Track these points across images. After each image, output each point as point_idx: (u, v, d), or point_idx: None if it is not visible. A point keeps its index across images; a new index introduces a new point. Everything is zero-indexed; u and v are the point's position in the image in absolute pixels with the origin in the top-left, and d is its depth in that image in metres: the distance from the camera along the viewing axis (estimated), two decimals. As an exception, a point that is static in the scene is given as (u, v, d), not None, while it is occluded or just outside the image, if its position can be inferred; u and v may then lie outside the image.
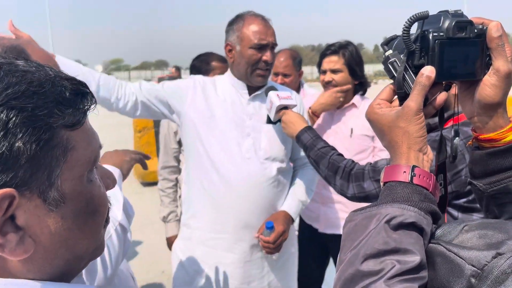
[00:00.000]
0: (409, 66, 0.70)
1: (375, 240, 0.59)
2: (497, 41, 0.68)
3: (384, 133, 0.71)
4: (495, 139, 0.73)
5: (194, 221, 1.85)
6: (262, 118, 1.84)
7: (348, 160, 1.50)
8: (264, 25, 1.78)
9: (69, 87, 0.50)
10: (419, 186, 0.65)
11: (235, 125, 1.81)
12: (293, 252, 2.02)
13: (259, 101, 1.87)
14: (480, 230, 0.57)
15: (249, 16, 1.80)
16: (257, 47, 1.75)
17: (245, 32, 1.76)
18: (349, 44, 2.16)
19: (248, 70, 1.78)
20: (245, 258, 1.82)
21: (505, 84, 0.70)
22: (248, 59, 1.76)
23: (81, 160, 0.51)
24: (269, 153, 1.83)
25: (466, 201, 1.30)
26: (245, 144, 1.81)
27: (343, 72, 2.14)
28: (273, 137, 1.85)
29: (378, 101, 0.74)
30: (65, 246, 0.51)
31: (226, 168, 1.77)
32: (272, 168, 1.83)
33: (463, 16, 0.69)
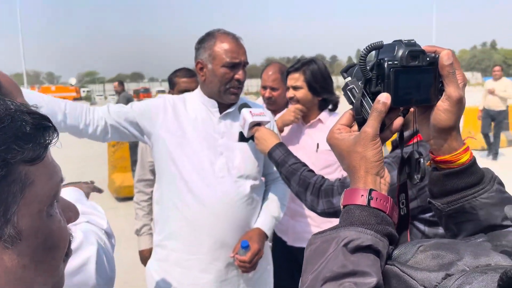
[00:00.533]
0: (366, 92, 0.73)
1: (333, 263, 0.61)
2: (448, 69, 0.72)
3: (343, 157, 0.73)
4: (450, 160, 0.77)
5: (170, 242, 1.83)
6: (234, 136, 1.85)
7: (318, 176, 1.53)
8: (236, 43, 1.79)
9: (30, 121, 0.49)
10: (376, 209, 0.67)
11: (207, 144, 1.80)
12: (268, 269, 2.02)
13: (230, 119, 1.87)
14: (434, 251, 0.60)
15: (220, 34, 1.80)
16: (229, 65, 1.76)
17: (217, 51, 1.76)
18: (311, 62, 2.20)
19: (221, 88, 1.79)
20: (221, 277, 1.82)
21: (457, 109, 0.73)
22: (221, 78, 1.77)
23: (40, 195, 0.50)
24: (242, 171, 1.83)
25: (431, 215, 1.34)
26: (218, 163, 1.80)
27: (303, 89, 2.19)
28: (246, 154, 1.86)
29: (338, 126, 0.76)
30: (22, 284, 0.49)
31: (200, 188, 1.77)
32: (245, 186, 1.84)
33: (416, 45, 0.73)
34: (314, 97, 2.21)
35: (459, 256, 0.58)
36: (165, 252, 1.85)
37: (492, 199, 0.76)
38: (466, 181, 0.76)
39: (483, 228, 0.76)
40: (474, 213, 0.76)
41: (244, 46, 1.83)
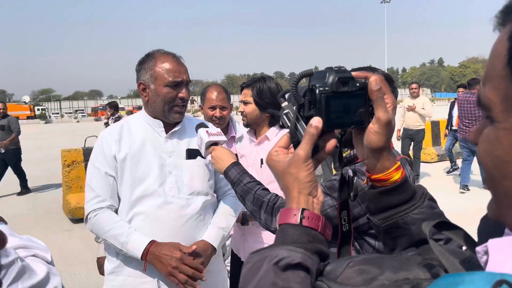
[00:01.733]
0: (300, 116, 0.77)
1: (265, 281, 0.63)
2: (376, 94, 0.76)
3: (279, 178, 0.76)
4: (383, 179, 0.81)
5: (125, 268, 1.80)
6: (182, 154, 1.86)
7: (272, 194, 1.55)
8: (177, 62, 1.81)
9: None
10: (308, 228, 0.70)
11: (156, 165, 1.81)
12: (223, 283, 2.03)
13: (177, 137, 1.88)
14: (361, 266, 0.63)
15: (160, 55, 1.82)
16: (172, 84, 1.78)
17: (158, 71, 1.78)
18: (261, 80, 2.30)
19: (165, 108, 1.80)
20: None
21: (387, 130, 0.78)
22: (164, 97, 1.78)
23: None
24: (192, 188, 1.84)
25: None
26: (168, 182, 1.81)
27: (251, 103, 2.29)
28: (195, 171, 1.87)
29: (276, 148, 0.79)
30: None
31: (151, 209, 1.77)
32: (197, 203, 1.85)
33: (346, 72, 0.77)
34: (261, 113, 2.29)
35: (381, 271, 0.61)
36: (120, 278, 1.82)
37: (423, 215, 0.80)
38: (399, 198, 0.81)
39: (416, 242, 0.80)
40: (407, 228, 0.80)
41: (185, 65, 1.86)
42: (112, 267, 1.84)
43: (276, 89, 2.29)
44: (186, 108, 1.87)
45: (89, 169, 1.84)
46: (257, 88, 2.27)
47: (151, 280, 1.78)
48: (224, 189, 2.01)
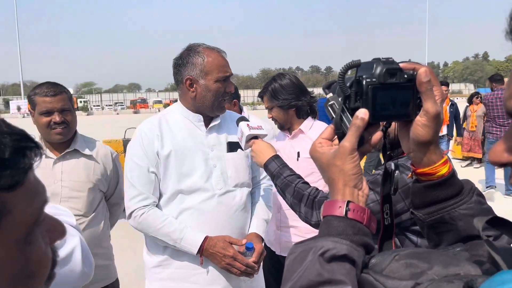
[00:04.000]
0: (346, 108, 0.76)
1: (310, 272, 0.63)
2: (426, 85, 0.75)
3: (323, 170, 0.76)
4: (429, 173, 0.79)
5: (174, 260, 1.84)
6: (223, 147, 1.90)
7: (312, 188, 1.56)
8: (223, 58, 1.85)
9: (9, 144, 0.45)
10: (353, 220, 0.70)
11: (201, 159, 1.84)
12: (260, 275, 2.06)
13: (216, 131, 1.91)
14: (408, 260, 0.63)
15: (205, 49, 1.83)
16: (222, 79, 1.81)
17: (209, 66, 1.80)
18: (271, 82, 2.34)
19: (215, 103, 1.83)
20: (231, 286, 1.86)
21: (435, 123, 0.76)
22: (215, 92, 1.81)
23: (19, 223, 0.47)
24: (237, 180, 1.89)
25: None
26: (214, 176, 1.84)
27: (274, 107, 2.34)
28: (238, 164, 1.91)
29: (319, 140, 0.79)
30: None
31: (201, 203, 1.80)
32: (242, 194, 1.90)
33: (394, 63, 0.76)
34: (287, 111, 2.32)
35: (430, 266, 0.60)
36: (169, 270, 1.85)
37: (471, 210, 0.78)
38: (445, 193, 0.79)
39: (463, 238, 0.78)
40: (454, 223, 0.78)
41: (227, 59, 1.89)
42: (158, 261, 1.87)
43: (289, 83, 2.30)
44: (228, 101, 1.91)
45: (128, 164, 1.84)
46: (270, 91, 2.32)
47: (203, 272, 1.82)
48: (258, 179, 2.04)
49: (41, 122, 2.04)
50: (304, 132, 2.33)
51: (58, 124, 2.04)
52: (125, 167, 1.86)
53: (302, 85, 2.36)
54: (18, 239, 0.47)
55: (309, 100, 2.34)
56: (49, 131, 2.05)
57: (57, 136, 2.06)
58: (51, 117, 2.03)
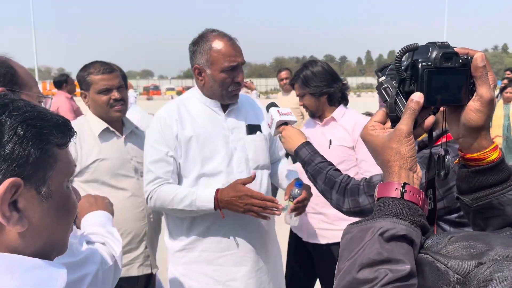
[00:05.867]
0: (400, 91, 0.76)
1: (370, 250, 0.65)
2: (481, 70, 0.75)
3: (378, 153, 0.77)
4: (479, 158, 0.80)
5: (199, 244, 1.86)
6: (242, 130, 1.91)
7: (344, 175, 1.56)
8: (232, 45, 1.79)
9: (61, 120, 0.69)
10: (410, 202, 0.71)
11: (222, 142, 1.85)
12: (278, 251, 2.09)
13: (235, 114, 1.92)
14: (465, 242, 0.64)
15: (214, 37, 1.79)
16: (228, 69, 1.77)
17: (215, 56, 1.77)
18: (303, 69, 2.33)
19: (222, 92, 1.82)
20: (255, 267, 1.89)
21: (488, 109, 0.76)
22: (221, 83, 1.79)
23: (63, 170, 0.69)
24: (257, 162, 1.91)
25: (457, 216, 1.37)
26: (235, 158, 1.86)
27: (306, 95, 2.33)
28: (257, 146, 1.93)
29: (372, 123, 0.80)
30: (47, 231, 0.67)
31: (223, 185, 1.81)
32: (262, 176, 1.93)
33: (449, 47, 0.76)
34: (319, 98, 2.31)
35: (490, 247, 0.61)
36: (193, 254, 1.87)
37: None
38: (495, 178, 0.79)
39: (510, 223, 0.79)
40: (502, 208, 0.79)
41: (239, 46, 1.84)
42: (182, 245, 1.88)
43: (321, 70, 2.29)
44: (240, 89, 1.89)
45: (147, 150, 1.85)
46: (301, 78, 2.30)
47: (229, 254, 1.85)
48: (273, 155, 2.09)
49: (100, 100, 2.03)
50: (336, 120, 2.33)
51: (118, 101, 2.04)
52: (144, 153, 1.88)
53: (334, 72, 2.35)
54: (63, 181, 0.70)
55: (341, 87, 2.33)
56: (108, 109, 2.04)
57: (117, 114, 2.06)
58: (110, 94, 2.03)
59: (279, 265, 2.08)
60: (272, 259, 1.99)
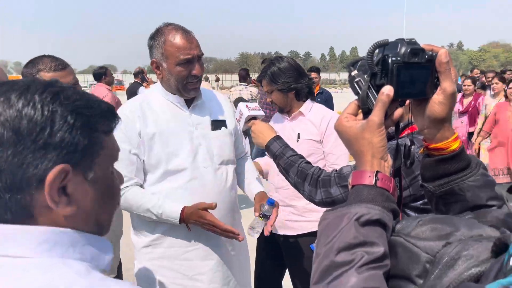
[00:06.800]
0: (371, 85, 0.81)
1: (346, 235, 0.69)
2: (445, 66, 0.80)
3: (352, 143, 0.81)
4: (442, 148, 0.85)
5: (165, 239, 1.86)
6: (207, 126, 1.91)
7: (315, 168, 1.60)
8: (187, 38, 1.77)
9: (107, 107, 0.73)
10: (382, 189, 0.75)
11: (186, 138, 1.84)
12: (244, 244, 2.12)
13: (199, 110, 1.92)
14: (432, 224, 0.69)
15: (169, 30, 1.78)
16: (183, 62, 1.76)
17: (169, 49, 1.75)
18: (269, 65, 2.35)
19: (179, 86, 1.81)
20: (222, 260, 1.90)
21: (450, 102, 0.82)
22: (177, 76, 1.78)
23: (109, 156, 0.73)
24: (222, 157, 1.92)
25: (422, 203, 1.44)
26: (200, 154, 1.86)
27: (274, 91, 2.35)
28: (222, 141, 1.94)
29: (345, 114, 0.84)
30: (93, 213, 0.72)
31: (189, 182, 1.82)
32: (228, 171, 1.94)
33: (416, 44, 0.81)
34: (286, 94, 2.34)
35: (456, 228, 0.66)
36: (159, 249, 1.87)
37: (478, 182, 0.85)
38: (456, 166, 0.85)
39: (470, 208, 0.84)
40: (462, 194, 0.85)
41: (195, 39, 1.82)
42: (148, 241, 1.87)
43: (288, 66, 2.32)
44: (200, 82, 1.87)
45: None
46: (269, 75, 2.32)
47: (195, 249, 1.86)
48: (238, 151, 2.11)
49: None
50: (304, 114, 2.37)
51: None
52: None
53: (300, 68, 2.39)
54: (108, 167, 0.74)
55: (308, 82, 2.38)
56: None
57: None
58: None
59: (245, 258, 2.11)
60: (238, 252, 2.02)
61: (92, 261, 0.69)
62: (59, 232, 0.66)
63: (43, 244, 0.64)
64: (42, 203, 0.65)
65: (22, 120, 0.62)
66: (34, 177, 0.63)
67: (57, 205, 0.65)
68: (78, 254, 0.67)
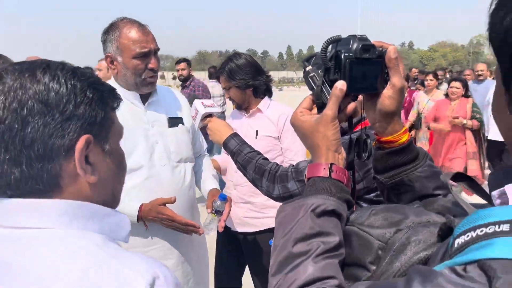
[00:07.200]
0: (325, 80, 0.83)
1: (303, 226, 0.70)
2: (394, 61, 0.84)
3: (307, 136, 0.83)
4: (392, 141, 0.89)
5: None
6: (163, 123, 1.89)
7: (273, 163, 1.62)
8: (142, 32, 1.76)
9: (111, 86, 0.79)
10: (336, 180, 0.78)
11: (142, 136, 1.81)
12: (203, 241, 2.12)
13: (155, 107, 1.89)
14: (384, 213, 0.72)
15: (124, 24, 1.76)
16: (140, 55, 1.74)
17: (124, 42, 1.73)
18: (227, 62, 2.36)
19: (136, 80, 1.78)
20: (181, 258, 1.89)
21: (400, 96, 0.86)
22: (134, 70, 1.76)
23: (118, 131, 0.80)
24: (180, 155, 1.90)
25: (375, 195, 1.49)
26: (157, 152, 1.83)
27: (232, 87, 2.36)
28: (180, 139, 1.92)
29: (300, 109, 0.86)
30: (110, 184, 0.79)
31: (146, 180, 1.79)
32: (186, 169, 1.93)
33: (368, 40, 0.84)
34: (244, 91, 2.35)
35: (405, 216, 0.69)
36: None
37: (425, 173, 0.89)
38: (405, 158, 0.89)
39: (418, 197, 0.89)
40: (411, 185, 0.89)
41: (151, 33, 1.81)
42: None
43: (245, 63, 2.33)
44: (157, 77, 1.86)
45: None
46: (226, 71, 2.33)
47: (155, 248, 1.83)
48: (196, 149, 2.10)
49: None
50: (262, 111, 2.39)
51: None
52: None
53: (258, 65, 2.40)
54: (118, 141, 0.80)
55: (266, 79, 2.39)
56: None
57: None
58: None
59: (204, 255, 2.11)
60: (197, 250, 2.01)
61: (111, 233, 0.74)
62: (80, 205, 0.70)
63: (63, 216, 0.68)
64: (70, 173, 0.70)
65: (50, 93, 0.67)
66: (63, 147, 0.68)
67: (85, 172, 0.70)
68: (97, 225, 0.72)
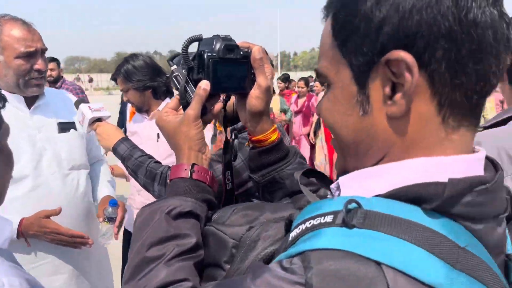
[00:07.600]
0: (190, 79, 0.82)
1: (158, 229, 0.69)
2: (259, 62, 0.85)
3: (170, 137, 0.82)
4: (262, 140, 0.91)
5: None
6: (53, 128, 1.78)
7: (164, 166, 1.58)
8: (28, 30, 1.66)
9: None
10: (198, 181, 0.77)
11: (26, 143, 1.69)
12: (103, 252, 2.03)
13: (42, 111, 1.78)
14: (244, 211, 0.72)
15: (6, 21, 1.64)
16: (24, 55, 1.63)
17: (7, 40, 1.62)
18: (123, 64, 2.30)
19: (20, 82, 1.67)
20: (75, 272, 1.77)
21: (266, 96, 0.87)
22: (17, 70, 1.64)
23: (6, 131, 0.81)
24: (72, 161, 1.79)
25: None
26: (45, 159, 1.71)
27: (130, 89, 2.30)
28: (72, 145, 1.81)
29: (166, 109, 0.85)
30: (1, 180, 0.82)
31: (34, 190, 1.66)
32: (80, 176, 1.82)
33: (232, 40, 0.85)
34: (142, 93, 2.30)
35: (261, 213, 0.71)
36: None
37: (295, 170, 0.92)
38: (276, 156, 0.92)
39: (289, 193, 0.92)
40: (282, 182, 0.92)
41: (38, 32, 1.71)
42: None
43: (142, 64, 2.28)
44: (45, 79, 1.76)
45: None
46: (123, 73, 2.27)
47: (43, 263, 1.71)
48: (92, 155, 2.02)
49: None
50: None
51: None
52: None
53: (157, 66, 2.35)
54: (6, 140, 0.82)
55: (165, 80, 2.34)
56: None
57: None
58: None
59: (105, 266, 2.01)
60: (98, 259, 1.92)
61: None
62: None
63: None
64: None
65: None
66: None
67: None
68: None
